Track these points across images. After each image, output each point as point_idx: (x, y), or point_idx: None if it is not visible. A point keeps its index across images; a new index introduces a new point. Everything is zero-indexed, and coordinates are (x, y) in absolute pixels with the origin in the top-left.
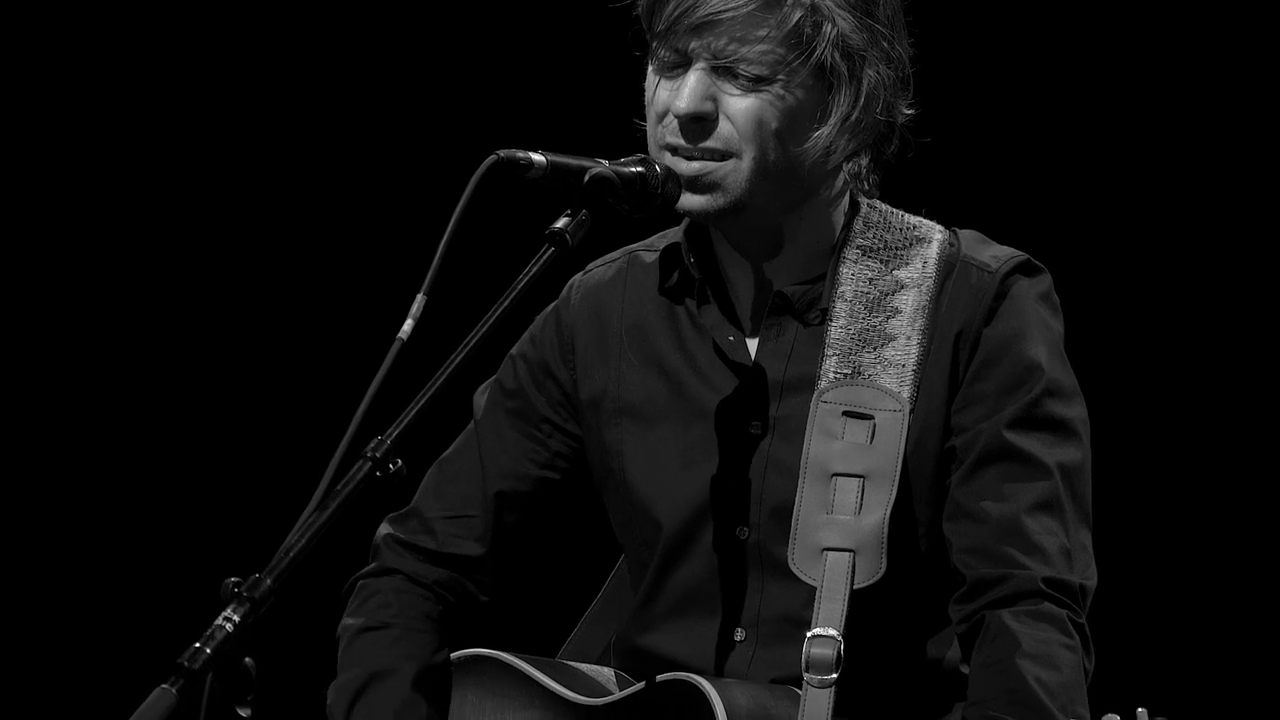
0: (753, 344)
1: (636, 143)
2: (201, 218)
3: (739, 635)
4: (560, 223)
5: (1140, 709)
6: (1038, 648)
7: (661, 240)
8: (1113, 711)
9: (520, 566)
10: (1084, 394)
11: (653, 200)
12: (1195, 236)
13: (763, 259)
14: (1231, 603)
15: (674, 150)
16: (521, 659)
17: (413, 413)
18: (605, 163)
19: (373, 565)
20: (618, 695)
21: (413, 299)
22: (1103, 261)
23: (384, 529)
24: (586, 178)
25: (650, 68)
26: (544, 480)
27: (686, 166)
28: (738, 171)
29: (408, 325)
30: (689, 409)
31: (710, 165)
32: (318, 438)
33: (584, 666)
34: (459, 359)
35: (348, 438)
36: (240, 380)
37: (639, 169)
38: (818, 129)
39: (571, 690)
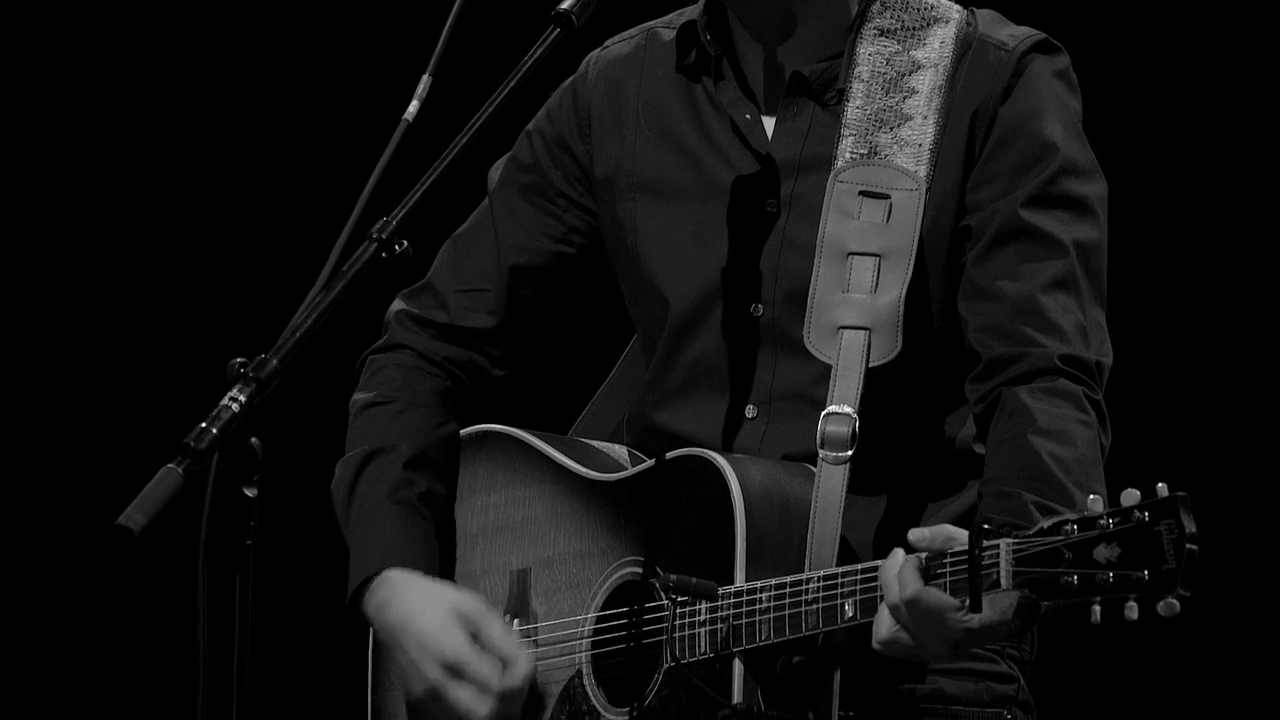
0: (769, 123)
1: None
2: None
3: (750, 412)
4: (566, 3)
5: (1160, 484)
6: (1053, 423)
7: (680, 18)
8: (1132, 487)
9: (536, 345)
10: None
11: None
12: (1225, 20)
13: (780, 37)
14: (1255, 380)
15: None
16: (533, 434)
17: (418, 194)
18: None
19: (383, 340)
20: (631, 471)
21: (418, 80)
22: (1123, 45)
23: (397, 304)
24: None
25: None
26: (559, 255)
27: None
28: None
29: (413, 107)
30: (705, 185)
31: None
32: (324, 219)
33: (596, 443)
34: (464, 140)
35: (353, 219)
36: (246, 163)
37: None
38: None
39: (583, 466)
